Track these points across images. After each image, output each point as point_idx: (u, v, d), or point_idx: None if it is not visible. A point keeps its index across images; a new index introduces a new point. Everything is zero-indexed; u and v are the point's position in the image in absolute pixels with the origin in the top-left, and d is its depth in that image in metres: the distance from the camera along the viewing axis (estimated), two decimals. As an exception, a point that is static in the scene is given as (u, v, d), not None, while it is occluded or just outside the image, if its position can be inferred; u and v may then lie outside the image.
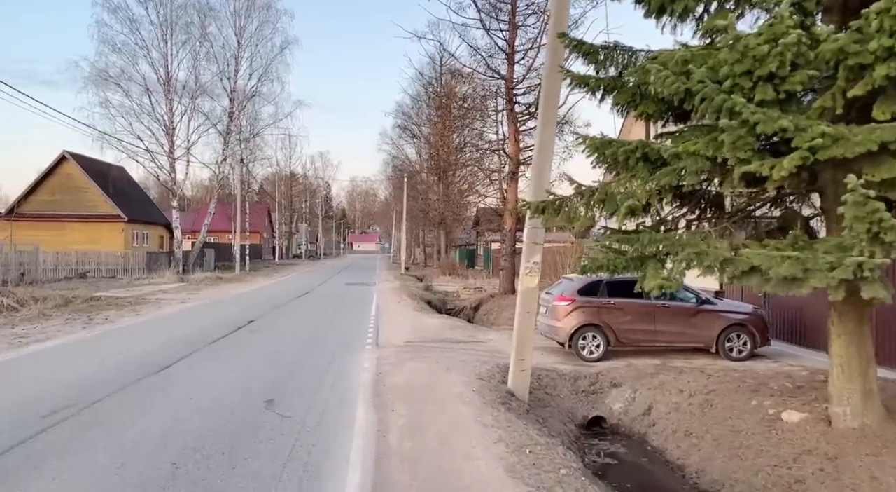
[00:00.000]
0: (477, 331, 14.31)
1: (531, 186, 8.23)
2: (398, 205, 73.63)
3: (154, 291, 24.87)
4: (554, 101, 8.16)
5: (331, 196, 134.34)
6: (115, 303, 19.80)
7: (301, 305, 19.98)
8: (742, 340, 10.92)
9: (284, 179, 79.36)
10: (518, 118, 22.44)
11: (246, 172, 49.37)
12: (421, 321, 15.84)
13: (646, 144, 6.23)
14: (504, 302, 21.34)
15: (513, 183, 22.51)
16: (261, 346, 11.33)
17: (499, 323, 18.76)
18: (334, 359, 10.06)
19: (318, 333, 13.31)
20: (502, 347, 11.90)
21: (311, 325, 14.73)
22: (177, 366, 9.26)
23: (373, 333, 13.24)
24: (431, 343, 12.07)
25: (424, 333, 13.59)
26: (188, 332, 13.08)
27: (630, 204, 6.09)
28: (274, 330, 13.59)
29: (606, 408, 9.32)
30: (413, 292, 26.23)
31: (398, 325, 14.93)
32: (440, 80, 44.67)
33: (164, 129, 37.05)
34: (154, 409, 6.87)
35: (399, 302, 21.70)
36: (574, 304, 11.06)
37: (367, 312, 17.72)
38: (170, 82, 37.03)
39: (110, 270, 34.43)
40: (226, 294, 24.59)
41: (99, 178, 37.58)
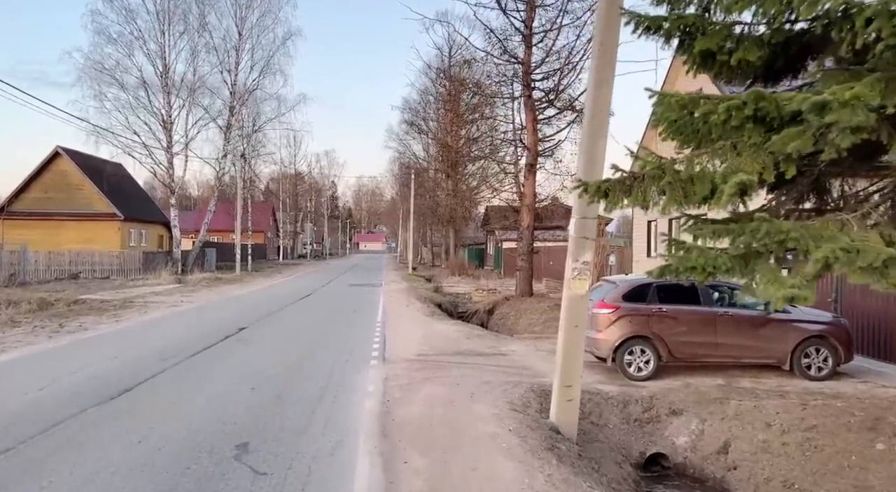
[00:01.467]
0: (497, 340, 12.55)
1: (581, 163, 6.47)
2: (405, 204, 71.91)
3: (145, 294, 23.24)
4: (611, 55, 6.38)
5: (336, 195, 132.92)
6: (99, 307, 18.17)
7: (300, 310, 18.27)
8: (822, 356, 9.10)
9: (289, 178, 77.80)
10: (536, 106, 20.64)
11: (248, 168, 47.84)
12: (433, 328, 14.09)
13: (760, 97, 4.44)
14: (522, 305, 19.57)
15: (530, 176, 20.71)
16: (247, 361, 9.60)
17: (518, 329, 16.99)
18: (332, 379, 8.32)
19: (316, 343, 11.59)
20: (530, 362, 10.14)
21: (310, 333, 13.01)
22: (137, 390, 7.54)
23: (379, 344, 11.51)
24: (447, 356, 10.31)
25: (438, 342, 11.84)
26: (167, 343, 11.39)
27: (740, 181, 4.29)
28: (266, 340, 11.87)
29: (667, 442, 7.53)
30: (422, 295, 24.49)
31: (408, 333, 13.19)
32: (449, 71, 42.95)
33: (162, 123, 35.49)
34: (85, 458, 5.15)
35: (407, 305, 19.96)
36: (618, 312, 9.28)
37: (372, 318, 15.99)
38: (167, 75, 35.46)
39: (104, 271, 32.88)
40: (222, 296, 22.93)
41: (94, 174, 36.06)
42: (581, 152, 6.48)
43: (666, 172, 5.00)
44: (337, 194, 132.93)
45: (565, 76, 19.84)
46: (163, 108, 35.44)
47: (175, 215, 37.13)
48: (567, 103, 20.71)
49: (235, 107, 39.70)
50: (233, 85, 39.37)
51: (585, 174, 6.23)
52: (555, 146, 20.74)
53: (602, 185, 5.36)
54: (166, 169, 36.13)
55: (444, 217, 45.90)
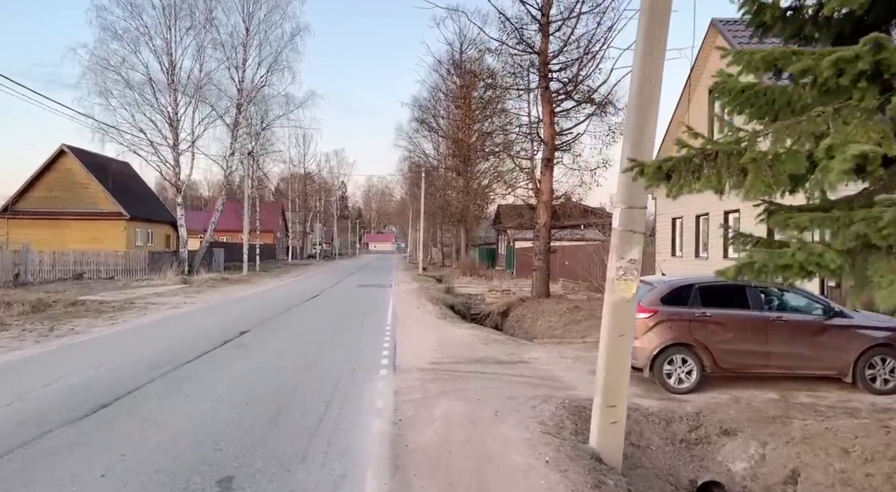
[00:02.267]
0: (517, 346, 11.58)
1: (627, 143, 5.49)
2: (415, 203, 71.02)
3: (147, 295, 22.49)
4: (662, 16, 5.38)
5: (346, 195, 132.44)
6: (97, 308, 17.40)
7: (307, 312, 17.39)
8: (889, 366, 8.06)
9: (298, 178, 77.17)
10: (553, 98, 19.65)
11: (256, 167, 47.15)
12: (447, 333, 13.15)
13: (879, 46, 3.44)
14: (539, 307, 18.58)
15: (547, 171, 19.71)
16: (245, 370, 8.70)
17: (536, 333, 16.01)
18: (337, 393, 7.40)
19: (321, 349, 10.68)
20: (556, 371, 9.16)
21: (315, 337, 12.11)
22: (115, 407, 6.65)
23: (389, 350, 10.58)
24: (464, 365, 9.36)
25: (453, 348, 10.89)
26: (161, 349, 10.52)
27: (859, 152, 3.30)
28: (267, 346, 10.98)
29: (721, 468, 6.53)
30: (433, 296, 23.56)
31: (420, 337, 12.25)
32: (461, 66, 42.00)
33: (168, 121, 34.84)
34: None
35: (418, 307, 19.03)
36: (656, 316, 8.27)
37: (382, 321, 15.07)
38: (174, 72, 34.82)
39: (109, 271, 32.24)
40: (226, 297, 22.12)
41: (100, 173, 35.45)
42: (628, 130, 5.51)
43: (748, 147, 4.00)
44: (346, 194, 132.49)
45: (584, 66, 18.86)
46: (169, 105, 34.83)
47: (181, 215, 36.46)
48: (586, 95, 19.70)
49: (243, 104, 38.97)
50: (240, 82, 38.65)
51: (630, 152, 5.26)
52: (573, 140, 19.75)
53: (663, 165, 4.39)
54: (172, 167, 35.48)
55: (456, 216, 44.95)
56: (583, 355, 10.54)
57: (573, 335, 14.14)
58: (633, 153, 5.26)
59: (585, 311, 16.53)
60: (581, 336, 13.81)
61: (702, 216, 16.46)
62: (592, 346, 11.84)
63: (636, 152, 5.29)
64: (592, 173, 19.78)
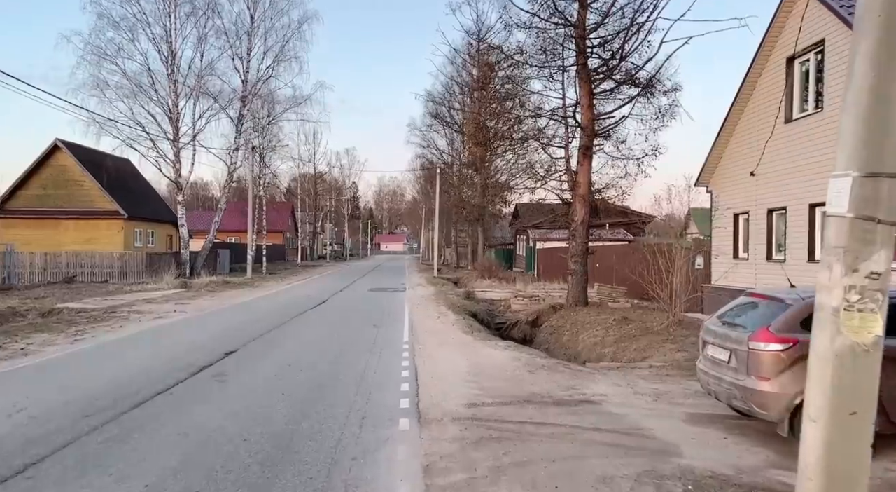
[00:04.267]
0: (572, 375, 9.06)
1: (849, 115, 2.90)
2: (428, 202, 68.61)
3: (137, 301, 20.26)
4: None
5: (357, 195, 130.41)
6: (70, 319, 15.16)
7: (309, 323, 15.01)
8: None
9: (309, 178, 75.04)
10: (593, 76, 17.14)
11: (262, 164, 45.02)
12: (479, 354, 10.68)
13: None
14: (577, 317, 16.08)
15: (585, 161, 17.19)
16: (208, 423, 6.29)
17: (579, 349, 13.52)
18: (335, 469, 4.95)
19: (320, 382, 8.26)
20: (638, 418, 6.67)
21: (314, 362, 9.70)
22: None
23: (409, 382, 8.16)
24: (514, 408, 6.90)
25: (493, 380, 8.43)
26: (115, 379, 8.18)
27: None
28: (252, 376, 8.59)
29: None
30: (453, 302, 21.11)
31: (447, 362, 9.81)
32: (478, 57, 39.53)
33: (167, 113, 32.71)
34: None
35: (438, 317, 16.58)
36: (797, 349, 5.73)
37: (397, 336, 12.66)
38: (174, 61, 32.68)
39: (104, 274, 30.17)
40: (223, 304, 19.84)
41: (96, 170, 33.41)
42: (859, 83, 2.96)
43: None
44: (358, 194, 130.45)
45: (629, 39, 16.28)
46: (169, 97, 32.70)
47: (182, 214, 34.35)
48: (629, 74, 17.13)
49: (248, 96, 36.78)
50: (245, 73, 36.48)
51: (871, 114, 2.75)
52: (616, 124, 17.20)
53: None
54: (173, 163, 33.36)
55: (472, 215, 42.47)
56: (662, 390, 8.04)
57: (630, 356, 11.62)
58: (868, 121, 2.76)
59: (636, 323, 14.01)
60: (641, 357, 11.29)
61: (776, 211, 13.86)
62: (664, 373, 9.34)
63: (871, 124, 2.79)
64: (639, 163, 17.23)
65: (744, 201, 14.90)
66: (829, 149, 11.88)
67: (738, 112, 15.21)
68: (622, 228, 39.52)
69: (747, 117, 14.97)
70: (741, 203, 15.00)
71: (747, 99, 14.90)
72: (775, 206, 13.76)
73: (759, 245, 14.34)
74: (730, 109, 15.33)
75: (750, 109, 14.84)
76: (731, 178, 15.65)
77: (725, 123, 15.57)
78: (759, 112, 14.38)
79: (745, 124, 15.03)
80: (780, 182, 13.45)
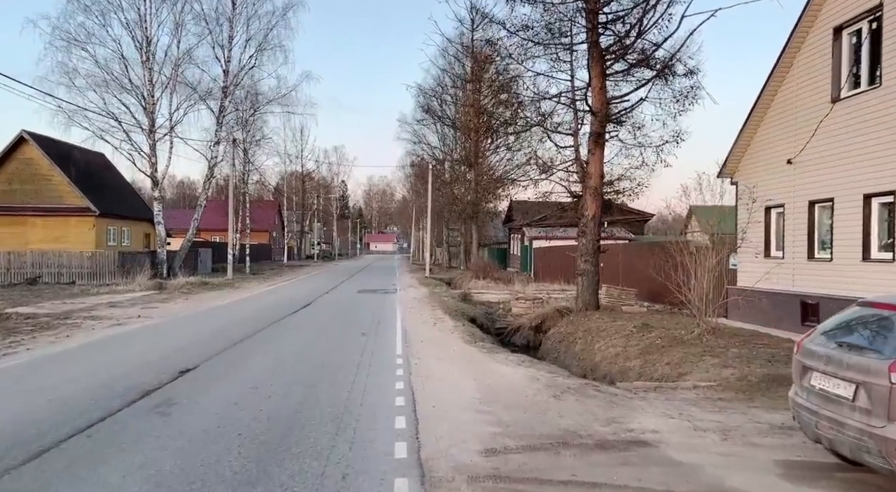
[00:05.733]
0: (607, 402, 7.30)
1: None
2: (419, 200, 66.75)
3: (100, 305, 18.31)
4: None
5: (347, 194, 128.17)
6: (16, 327, 13.27)
7: (288, 332, 13.17)
8: None
9: (296, 176, 72.84)
10: (605, 56, 15.44)
11: (245, 159, 42.98)
12: (487, 372, 8.91)
13: None
14: (589, 323, 14.36)
15: (597, 149, 15.50)
16: (126, 488, 4.47)
17: (597, 361, 11.80)
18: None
19: (289, 416, 6.45)
20: (714, 469, 4.94)
21: (286, 385, 7.89)
22: None
23: (405, 414, 6.39)
24: (545, 456, 5.16)
25: (511, 411, 6.67)
26: (28, 413, 6.34)
27: None
28: (207, 406, 6.77)
29: None
30: (449, 306, 19.35)
31: (450, 382, 8.04)
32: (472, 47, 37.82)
33: (143, 103, 30.66)
34: None
35: (435, 324, 14.80)
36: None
37: (389, 348, 10.88)
38: (149, 48, 30.61)
39: (73, 274, 28.09)
40: (196, 308, 17.94)
41: (66, 163, 31.28)
42: None
43: None
44: (347, 193, 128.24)
45: (647, 12, 14.58)
46: (144, 86, 30.63)
47: (159, 211, 32.30)
48: (645, 54, 15.44)
49: (229, 87, 34.76)
50: (226, 62, 34.46)
51: None
52: (632, 108, 15.52)
53: None
54: (148, 157, 31.32)
55: (466, 213, 40.71)
56: (726, 423, 6.33)
57: (663, 371, 9.89)
58: None
59: (659, 331, 12.31)
60: (677, 373, 9.57)
61: (820, 203, 12.23)
62: (715, 397, 7.63)
63: None
64: (658, 151, 15.55)
65: (778, 193, 13.26)
66: (891, 129, 10.25)
67: (772, 93, 13.57)
68: (620, 226, 37.99)
69: (783, 99, 13.33)
70: (775, 195, 13.35)
71: (782, 78, 13.27)
72: (819, 197, 12.12)
73: (798, 242, 12.70)
74: (762, 91, 13.68)
75: (786, 90, 13.19)
76: (762, 167, 14.01)
77: (756, 107, 13.92)
78: (798, 92, 12.75)
79: (780, 107, 13.39)
80: (825, 170, 11.82)
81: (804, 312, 12.28)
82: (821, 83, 12.04)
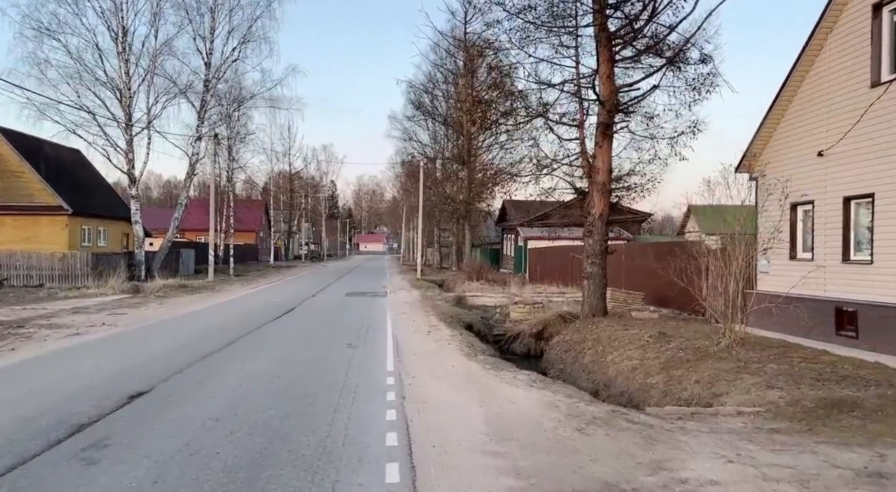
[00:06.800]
0: (641, 433, 6.02)
1: None
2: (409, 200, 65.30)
3: (64, 310, 16.82)
4: None
5: (336, 194, 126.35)
6: (-45, 338, 11.75)
7: (264, 342, 11.80)
8: None
9: (284, 176, 71.13)
10: (614, 41, 14.20)
11: (230, 156, 41.46)
12: (494, 394, 7.60)
13: None
14: (598, 331, 13.11)
15: (604, 142, 14.26)
16: None
17: (611, 376, 10.54)
18: None
19: (254, 461, 5.12)
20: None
21: (253, 415, 6.53)
22: None
23: (399, 465, 5.05)
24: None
25: (530, 453, 5.36)
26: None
27: None
28: (149, 448, 5.41)
29: None
30: (443, 310, 18.04)
31: (451, 411, 6.73)
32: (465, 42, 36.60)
33: (118, 96, 29.07)
34: None
35: (429, 332, 13.48)
36: None
37: (378, 363, 9.54)
38: (125, 38, 29.03)
39: (43, 277, 26.44)
40: (170, 314, 16.50)
41: (37, 160, 29.61)
42: None
43: None
44: (336, 193, 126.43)
45: (661, -8, 13.34)
46: (119, 78, 29.04)
47: (136, 209, 30.73)
48: (656, 39, 14.22)
49: (211, 80, 33.21)
50: (208, 54, 32.87)
51: None
52: (643, 97, 14.26)
53: None
54: (125, 153, 29.74)
55: (459, 212, 39.42)
56: (799, 468, 5.07)
57: (693, 391, 8.62)
58: None
59: (679, 341, 11.08)
60: (710, 393, 8.31)
61: (857, 199, 11.04)
62: (768, 427, 6.37)
63: None
64: (672, 143, 14.31)
65: (807, 188, 12.06)
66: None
67: (799, 79, 12.38)
68: (617, 226, 36.87)
69: (812, 85, 12.14)
70: (803, 190, 12.15)
71: (811, 62, 12.08)
72: (856, 193, 10.93)
73: (831, 243, 11.51)
74: (788, 76, 12.49)
75: (816, 75, 12.00)
76: (787, 160, 12.82)
77: (781, 94, 12.73)
78: (830, 77, 11.56)
79: (809, 93, 12.20)
80: (863, 162, 10.64)
81: (839, 320, 11.10)
82: (857, 66, 10.85)
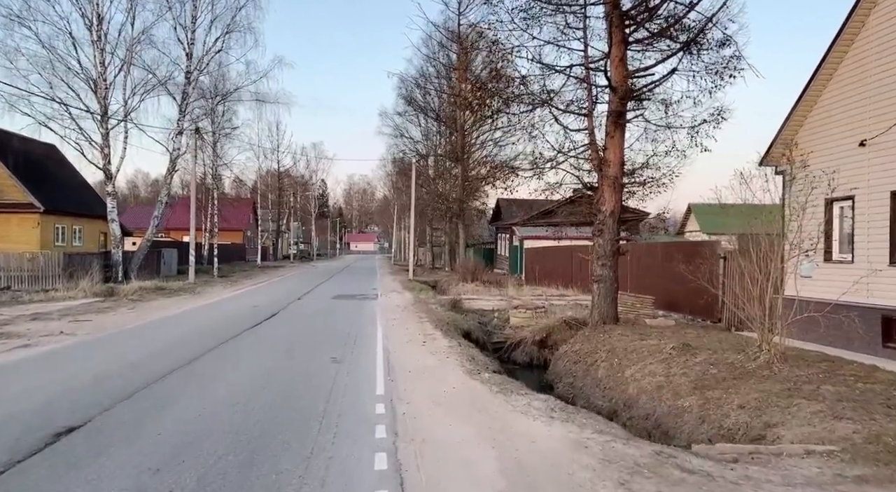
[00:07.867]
0: (698, 488, 4.72)
1: None
2: (401, 198, 63.91)
3: (22, 316, 15.32)
4: None
5: (326, 193, 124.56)
6: None
7: (239, 356, 10.39)
8: None
9: (272, 174, 69.44)
10: (627, 22, 12.91)
11: (214, 153, 39.88)
12: (506, 428, 6.25)
13: None
14: (611, 341, 11.80)
15: (616, 132, 12.97)
16: None
17: (631, 394, 9.26)
18: None
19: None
20: None
21: (207, 465, 5.17)
22: None
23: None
24: None
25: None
26: None
27: None
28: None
29: None
30: (439, 316, 16.67)
31: (456, 455, 5.39)
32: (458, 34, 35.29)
33: (93, 87, 27.45)
34: None
35: (424, 342, 12.11)
36: None
37: (366, 384, 8.18)
38: (100, 26, 27.41)
39: (10, 278, 24.78)
40: (140, 320, 15.04)
41: (6, 155, 27.98)
42: None
43: None
44: (327, 192, 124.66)
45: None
46: (94, 68, 27.43)
47: (112, 207, 29.07)
48: (674, 18, 12.94)
49: (193, 72, 31.62)
50: (189, 45, 31.23)
51: None
52: (658, 82, 12.97)
53: None
54: (100, 147, 28.10)
55: (452, 211, 38.06)
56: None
57: (736, 417, 7.30)
58: None
59: (705, 352, 9.82)
60: (760, 423, 6.98)
61: None
62: (853, 474, 5.08)
63: None
64: (692, 133, 13.02)
65: (846, 182, 10.80)
66: None
67: (836, 62, 11.15)
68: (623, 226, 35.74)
69: (850, 68, 10.90)
70: (841, 184, 10.90)
71: (850, 43, 10.84)
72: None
73: (876, 243, 10.27)
74: (822, 60, 11.25)
75: (855, 57, 10.77)
76: (821, 151, 11.58)
77: (814, 79, 11.49)
78: (873, 59, 10.33)
79: (847, 78, 10.97)
80: (917, 153, 9.41)
81: (886, 329, 9.88)
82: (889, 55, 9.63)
